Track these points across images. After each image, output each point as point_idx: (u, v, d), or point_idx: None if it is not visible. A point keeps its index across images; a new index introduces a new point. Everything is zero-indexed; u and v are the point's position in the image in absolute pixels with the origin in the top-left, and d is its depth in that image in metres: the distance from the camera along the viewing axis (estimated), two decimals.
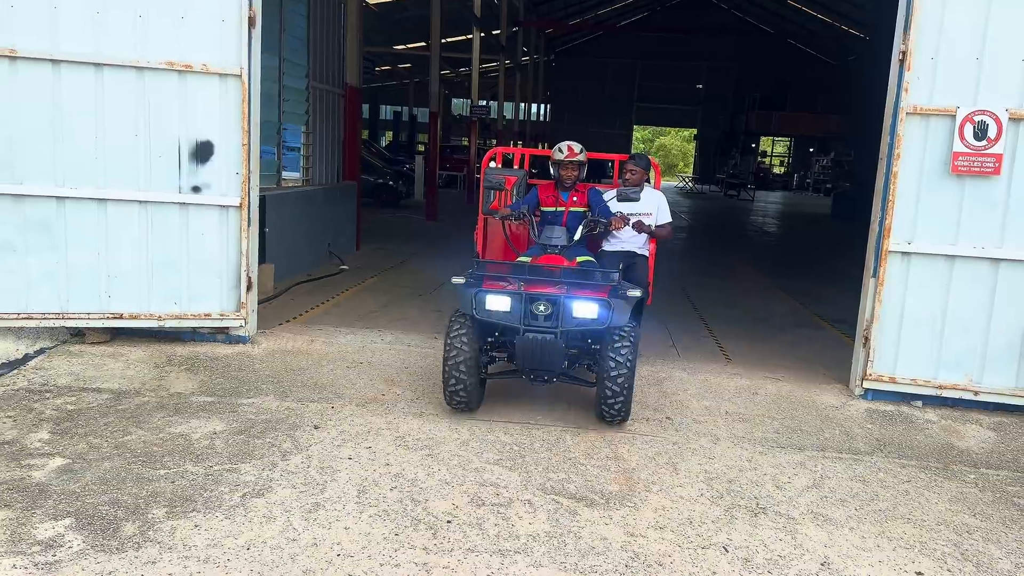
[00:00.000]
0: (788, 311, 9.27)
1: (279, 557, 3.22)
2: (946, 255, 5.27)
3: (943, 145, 5.16)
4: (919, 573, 3.43)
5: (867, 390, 5.52)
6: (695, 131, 54.35)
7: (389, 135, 44.20)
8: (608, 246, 5.91)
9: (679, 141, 71.21)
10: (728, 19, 44.35)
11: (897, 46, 5.16)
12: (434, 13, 16.47)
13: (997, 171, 5.10)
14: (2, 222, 5.41)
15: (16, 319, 5.53)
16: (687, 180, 44.30)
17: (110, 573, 3.06)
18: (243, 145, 5.65)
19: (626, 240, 5.86)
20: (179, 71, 5.50)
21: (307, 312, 7.39)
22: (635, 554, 3.40)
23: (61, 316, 5.60)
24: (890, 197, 5.26)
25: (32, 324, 5.60)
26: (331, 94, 10.73)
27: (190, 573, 3.08)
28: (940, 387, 5.39)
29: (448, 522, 3.57)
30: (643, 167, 6.06)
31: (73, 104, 5.40)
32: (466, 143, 32.34)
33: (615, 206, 5.81)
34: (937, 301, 5.32)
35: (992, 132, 5.05)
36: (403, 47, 36.11)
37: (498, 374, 4.93)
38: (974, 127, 5.06)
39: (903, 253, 5.32)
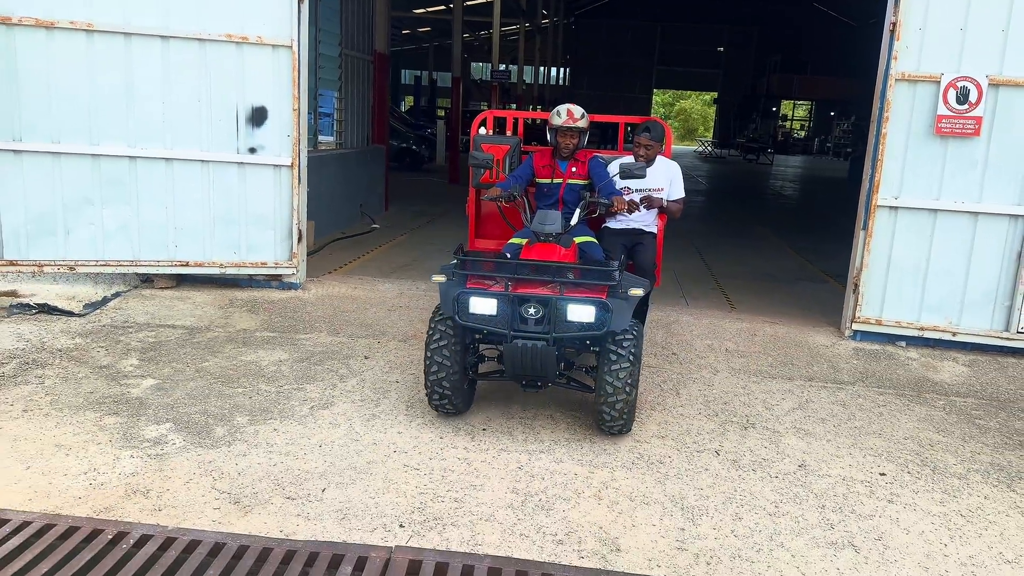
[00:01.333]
0: (795, 267, 9.83)
1: (346, 452, 3.91)
2: (930, 209, 5.82)
3: (928, 109, 5.68)
4: (882, 474, 4.05)
5: (856, 332, 6.12)
6: (715, 95, 54.20)
7: (410, 100, 44.53)
8: (612, 223, 5.42)
9: (699, 105, 70.83)
10: None
11: (888, 17, 5.65)
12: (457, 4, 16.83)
13: (977, 132, 5.62)
14: (82, 179, 6.09)
15: (95, 266, 6.24)
16: (706, 144, 44.41)
17: (209, 462, 3.76)
18: (294, 110, 6.27)
19: (633, 216, 5.32)
20: (237, 43, 6.11)
21: (347, 264, 8.06)
22: (640, 455, 4.06)
23: (134, 264, 6.30)
24: (879, 156, 5.80)
25: (108, 271, 6.31)
26: (361, 60, 11.28)
27: (274, 462, 3.78)
28: (922, 328, 5.97)
29: (483, 430, 4.24)
30: (660, 139, 5.36)
31: (143, 73, 6.04)
32: (485, 107, 32.76)
33: (620, 183, 5.10)
34: (921, 251, 5.88)
35: (973, 97, 5.56)
36: (423, 10, 36.31)
37: (488, 374, 4.43)
38: (956, 92, 5.57)
39: (891, 207, 5.87)
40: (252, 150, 6.32)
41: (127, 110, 6.06)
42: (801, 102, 51.93)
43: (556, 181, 5.04)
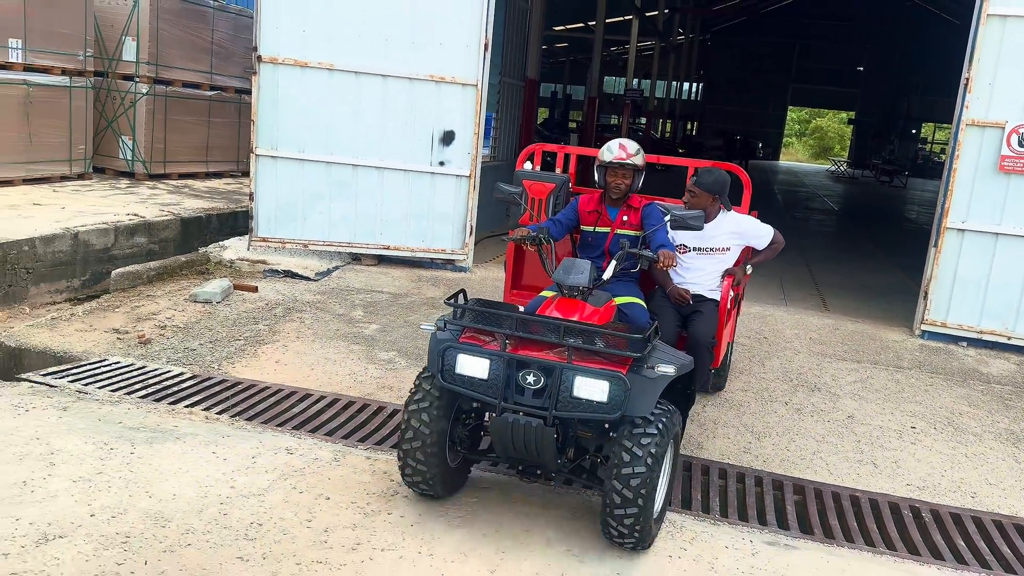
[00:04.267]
0: (896, 282, 10.87)
1: None
2: (992, 232, 6.96)
3: (994, 150, 6.84)
4: (913, 427, 5.39)
5: (924, 331, 7.32)
6: (852, 114, 53.31)
7: (544, 112, 46.62)
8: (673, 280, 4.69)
9: (836, 124, 69.30)
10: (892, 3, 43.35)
11: (963, 74, 6.87)
12: (599, 16, 18.54)
13: None
14: (318, 180, 8.17)
15: (322, 245, 8.32)
16: (839, 164, 44.04)
17: None
18: (474, 134, 8.14)
19: (691, 278, 4.66)
20: (436, 82, 8.04)
21: (498, 257, 9.88)
22: (725, 399, 5.56)
23: (350, 245, 8.34)
24: (951, 187, 7.01)
25: (331, 249, 8.38)
26: (515, 86, 13.17)
27: None
28: (981, 332, 7.12)
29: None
30: (711, 190, 4.57)
31: (367, 102, 8.05)
32: (615, 122, 34.24)
33: (677, 237, 4.58)
34: (983, 267, 7.03)
35: None
36: (561, 28, 38.26)
37: (485, 453, 3.69)
38: (1019, 136, 6.72)
39: (958, 230, 7.06)
40: (441, 163, 8.23)
41: (354, 129, 8.10)
42: (944, 124, 50.31)
43: (602, 229, 4.34)
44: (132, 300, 6.71)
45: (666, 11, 30.09)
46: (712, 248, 4.71)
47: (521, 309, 3.62)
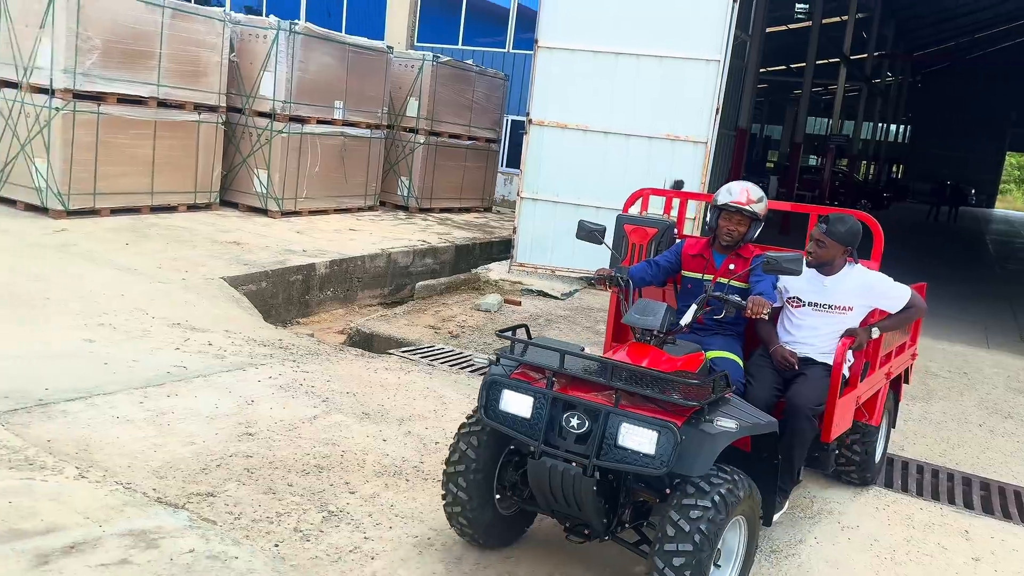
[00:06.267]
0: None
1: None
2: None
3: None
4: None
5: None
6: None
7: None
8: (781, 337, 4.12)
9: None
10: None
11: None
12: (808, 63, 19.36)
13: None
14: (567, 219, 9.96)
15: (565, 271, 10.09)
16: None
17: None
18: (702, 183, 9.60)
19: (802, 337, 4.05)
20: (671, 140, 9.61)
21: None
22: (925, 418, 6.58)
23: (586, 271, 10.05)
24: None
25: (573, 275, 10.13)
26: (727, 136, 14.46)
27: None
28: None
29: None
30: (843, 240, 3.95)
31: (612, 156, 9.77)
32: (815, 163, 34.13)
33: (796, 288, 4.07)
34: None
35: None
36: (763, 70, 38.72)
37: (531, 506, 3.32)
38: None
39: None
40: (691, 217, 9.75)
41: (599, 179, 9.83)
42: None
43: (705, 277, 3.95)
44: (433, 306, 8.76)
45: (875, 54, 29.94)
46: (831, 305, 4.02)
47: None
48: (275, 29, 10.35)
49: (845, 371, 3.99)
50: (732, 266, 3.95)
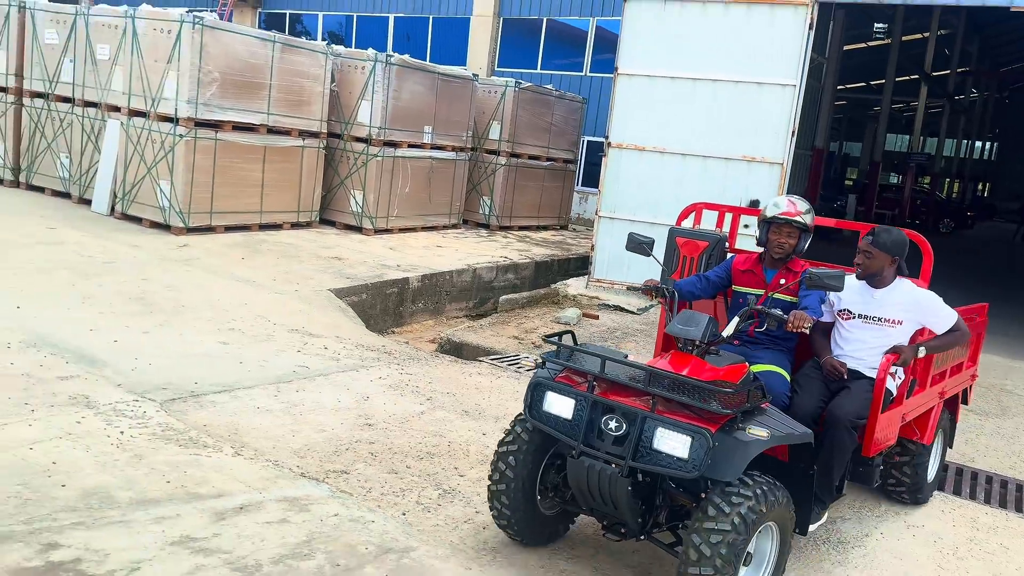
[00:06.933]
0: None
1: None
2: None
3: None
4: None
5: None
6: None
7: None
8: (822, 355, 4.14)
9: None
10: None
11: None
12: (887, 81, 19.29)
13: None
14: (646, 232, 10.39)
15: (633, 284, 10.51)
16: None
17: None
18: None
19: (851, 350, 4.09)
20: (747, 161, 9.96)
21: None
22: (998, 432, 6.75)
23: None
24: None
25: (636, 287, 10.53)
26: (803, 155, 14.63)
27: None
28: None
29: None
30: (890, 250, 3.99)
31: (688, 177, 10.17)
32: (896, 181, 33.52)
33: (847, 302, 4.11)
34: None
35: None
36: (841, 87, 38.23)
37: (573, 507, 3.52)
38: None
39: None
40: (746, 225, 10.08)
41: (675, 198, 10.23)
42: None
43: (756, 291, 4.00)
44: (515, 319, 9.32)
45: (958, 71, 29.33)
46: (880, 318, 4.05)
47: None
48: (372, 61, 11.16)
49: (892, 387, 4.03)
50: (782, 281, 4.00)
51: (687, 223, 5.21)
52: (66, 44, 10.64)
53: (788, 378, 3.91)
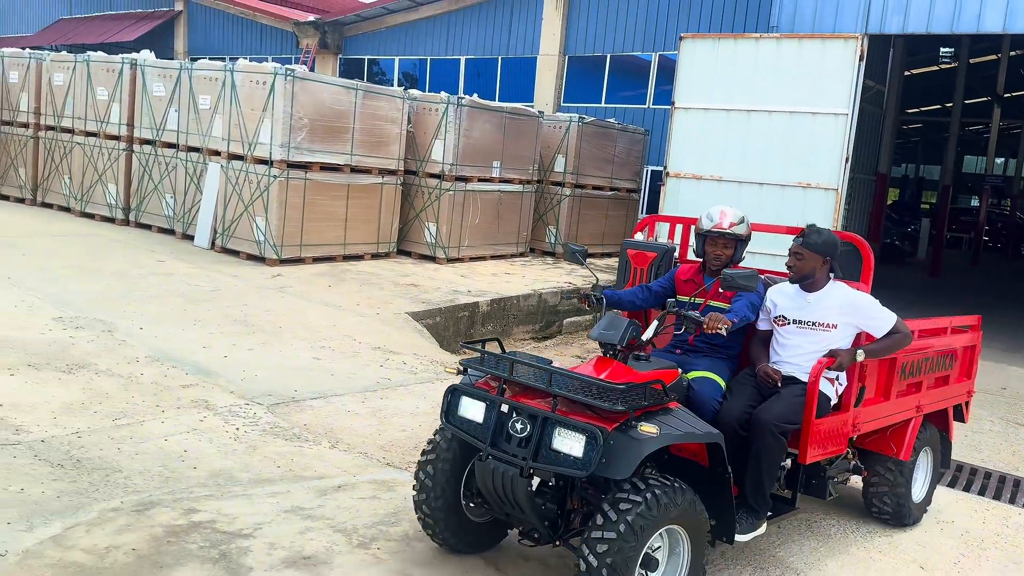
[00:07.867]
0: None
1: None
2: None
3: None
4: None
5: None
6: None
7: (893, 193, 45.32)
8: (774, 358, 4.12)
9: None
10: None
11: None
12: (955, 104, 19.20)
13: None
14: None
15: None
16: None
17: None
18: (834, 226, 10.24)
19: (787, 356, 4.05)
20: (803, 187, 10.36)
21: None
22: (1013, 435, 6.95)
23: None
24: None
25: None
26: (866, 180, 14.83)
27: None
28: None
29: None
30: (820, 251, 3.97)
31: (747, 204, 10.56)
32: (973, 203, 32.72)
33: (782, 307, 4.09)
34: None
35: None
36: (914, 110, 37.60)
37: (494, 514, 3.53)
38: None
39: None
40: None
41: None
42: None
43: (696, 300, 4.06)
44: (579, 340, 9.90)
45: None
46: (815, 323, 3.99)
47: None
48: (445, 103, 12.05)
49: (828, 391, 3.95)
50: (721, 288, 3.90)
51: (675, 237, 5.38)
52: (172, 96, 11.88)
53: (723, 385, 3.89)
